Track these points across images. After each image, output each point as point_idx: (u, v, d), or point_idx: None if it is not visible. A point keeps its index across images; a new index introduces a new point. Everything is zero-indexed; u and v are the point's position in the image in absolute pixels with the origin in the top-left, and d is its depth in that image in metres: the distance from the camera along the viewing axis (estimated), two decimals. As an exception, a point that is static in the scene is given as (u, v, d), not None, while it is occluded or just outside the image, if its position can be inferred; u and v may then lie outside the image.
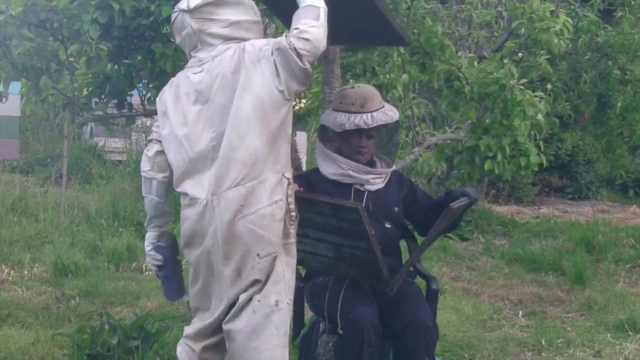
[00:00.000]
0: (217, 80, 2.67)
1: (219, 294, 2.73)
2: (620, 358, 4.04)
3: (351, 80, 4.34)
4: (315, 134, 6.98)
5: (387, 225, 3.18)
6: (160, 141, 2.82)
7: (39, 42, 3.47)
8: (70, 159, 8.04)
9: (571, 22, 4.22)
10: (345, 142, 3.16)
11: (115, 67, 3.54)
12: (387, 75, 4.42)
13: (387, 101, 3.86)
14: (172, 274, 2.96)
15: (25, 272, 5.28)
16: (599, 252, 6.68)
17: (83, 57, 3.59)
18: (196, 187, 2.71)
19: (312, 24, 2.59)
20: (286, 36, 2.61)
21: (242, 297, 2.66)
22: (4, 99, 3.81)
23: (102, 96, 3.64)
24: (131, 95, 3.73)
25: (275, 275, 2.67)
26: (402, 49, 4.11)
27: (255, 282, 2.65)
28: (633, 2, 6.01)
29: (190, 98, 2.73)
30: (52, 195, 7.34)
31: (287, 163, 2.70)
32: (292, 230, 2.72)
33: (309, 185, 3.11)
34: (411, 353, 2.95)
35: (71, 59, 3.54)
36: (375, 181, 3.20)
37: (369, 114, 3.09)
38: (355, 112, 3.10)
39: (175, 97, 2.78)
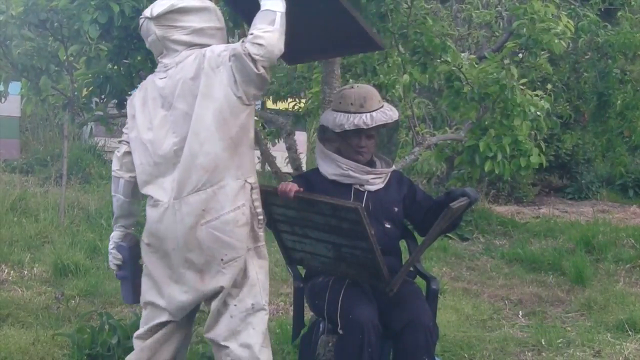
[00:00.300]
0: (179, 86, 2.73)
1: (171, 296, 2.78)
2: (620, 358, 4.04)
3: (351, 80, 4.33)
4: (315, 134, 6.98)
5: (387, 225, 3.18)
6: (128, 142, 2.89)
7: (39, 42, 3.46)
8: (70, 159, 8.03)
9: (572, 23, 4.22)
10: (345, 143, 3.16)
11: (115, 67, 3.54)
12: (388, 76, 4.42)
13: (387, 101, 3.86)
14: (129, 276, 2.97)
15: (25, 272, 5.28)
16: (599, 252, 6.68)
17: (83, 57, 3.58)
18: (159, 190, 2.77)
19: (266, 29, 2.64)
20: (242, 42, 2.66)
21: (215, 305, 2.74)
22: (3, 99, 3.81)
23: (102, 96, 3.63)
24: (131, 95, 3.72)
25: (249, 280, 2.75)
26: (402, 49, 4.11)
27: (220, 288, 2.71)
28: (633, 3, 6.01)
29: (157, 103, 2.80)
30: (52, 195, 7.34)
31: (251, 168, 2.76)
32: (261, 233, 2.79)
33: (308, 185, 3.11)
34: (411, 353, 2.95)
35: (71, 59, 3.54)
36: (375, 181, 3.20)
37: (368, 114, 3.09)
38: (355, 112, 3.10)
39: (144, 101, 2.84)
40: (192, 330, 3.06)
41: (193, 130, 2.68)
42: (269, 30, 2.63)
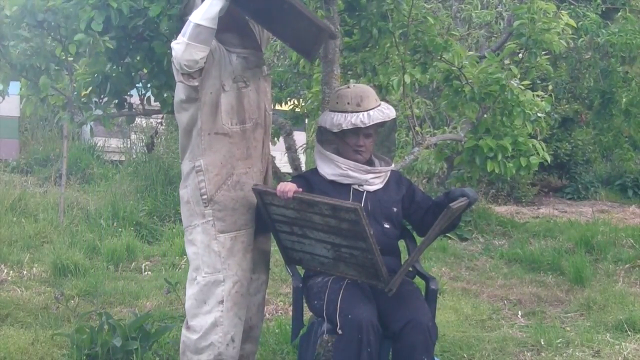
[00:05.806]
0: None
1: None
2: (620, 358, 4.04)
3: (351, 80, 4.32)
4: (314, 133, 6.99)
5: (386, 226, 3.18)
6: None
7: (37, 42, 3.45)
8: (70, 159, 8.03)
9: (573, 22, 4.21)
10: (343, 142, 3.17)
11: (115, 67, 3.53)
12: (388, 76, 4.40)
13: (386, 100, 3.85)
14: None
15: (25, 272, 5.28)
16: (598, 252, 6.67)
17: (83, 58, 3.57)
18: None
19: (178, 40, 2.89)
20: None
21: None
22: (1, 98, 3.79)
23: (102, 96, 3.63)
24: (131, 96, 3.72)
25: (193, 254, 3.12)
26: (401, 49, 4.10)
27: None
28: (633, 2, 6.02)
29: None
30: (52, 195, 7.33)
31: (199, 152, 3.06)
32: (209, 210, 3.07)
33: (307, 185, 3.11)
34: (410, 353, 2.95)
35: (71, 59, 3.52)
36: (375, 181, 3.20)
37: (365, 113, 3.10)
38: (352, 112, 3.11)
39: None
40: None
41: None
42: (178, 42, 2.87)
